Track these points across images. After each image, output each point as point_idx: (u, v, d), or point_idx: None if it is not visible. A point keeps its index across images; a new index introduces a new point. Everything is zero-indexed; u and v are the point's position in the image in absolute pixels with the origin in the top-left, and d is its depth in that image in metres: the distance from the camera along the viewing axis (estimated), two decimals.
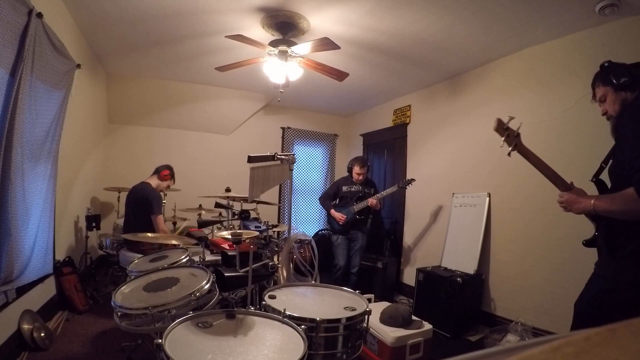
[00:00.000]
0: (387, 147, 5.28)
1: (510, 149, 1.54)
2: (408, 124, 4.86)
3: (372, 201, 3.79)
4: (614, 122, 1.46)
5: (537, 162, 1.56)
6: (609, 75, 1.47)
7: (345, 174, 4.17)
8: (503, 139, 1.53)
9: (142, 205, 3.14)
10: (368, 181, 4.10)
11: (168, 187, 3.55)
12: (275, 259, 2.47)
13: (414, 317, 2.61)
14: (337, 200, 4.11)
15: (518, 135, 1.55)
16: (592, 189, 1.56)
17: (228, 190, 3.63)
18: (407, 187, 3.98)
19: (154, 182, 3.34)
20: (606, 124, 1.54)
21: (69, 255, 3.38)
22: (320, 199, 4.20)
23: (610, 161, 1.50)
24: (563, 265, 2.80)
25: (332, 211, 3.96)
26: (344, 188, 4.04)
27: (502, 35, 3.05)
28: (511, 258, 3.25)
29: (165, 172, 3.40)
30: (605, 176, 1.52)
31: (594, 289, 1.46)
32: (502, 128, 1.52)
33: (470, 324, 3.31)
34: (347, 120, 6.47)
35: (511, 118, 1.54)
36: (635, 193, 1.25)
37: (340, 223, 3.89)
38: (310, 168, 6.17)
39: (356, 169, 3.93)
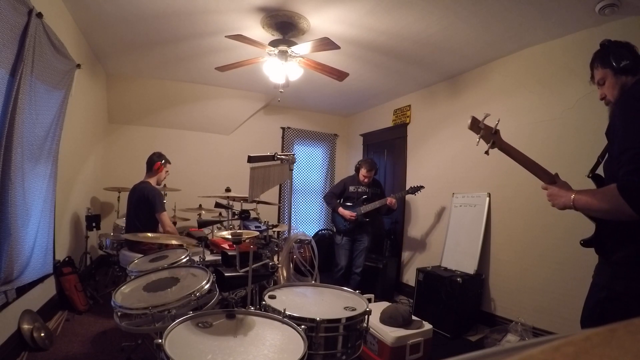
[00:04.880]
0: (387, 147, 5.28)
1: (488, 146, 1.47)
2: (408, 124, 4.86)
3: (391, 200, 3.77)
4: (612, 108, 1.37)
5: (520, 158, 1.47)
6: (608, 56, 1.33)
7: (346, 173, 4.16)
8: (478, 136, 1.47)
9: (144, 204, 3.14)
10: (374, 181, 4.08)
11: (167, 172, 3.45)
12: (275, 259, 2.47)
13: (414, 317, 2.61)
14: (342, 199, 4.06)
15: (496, 132, 1.47)
16: (588, 185, 1.48)
17: (228, 190, 3.63)
18: (416, 194, 3.97)
19: (153, 179, 3.32)
20: (606, 123, 1.49)
21: (69, 255, 3.38)
22: (325, 197, 4.14)
23: (607, 155, 1.42)
24: (563, 265, 2.80)
25: (341, 209, 3.91)
26: (351, 188, 4.00)
27: (502, 35, 3.05)
28: (511, 258, 3.25)
29: (157, 165, 3.30)
30: (602, 171, 1.45)
31: (593, 299, 1.36)
32: (476, 126, 1.47)
33: (470, 324, 3.31)
34: (347, 120, 6.47)
35: (487, 115, 1.48)
36: (617, 189, 1.13)
37: (352, 219, 3.84)
38: (310, 168, 6.17)
39: (363, 172, 3.91)
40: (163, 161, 3.35)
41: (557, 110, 2.97)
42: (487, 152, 1.49)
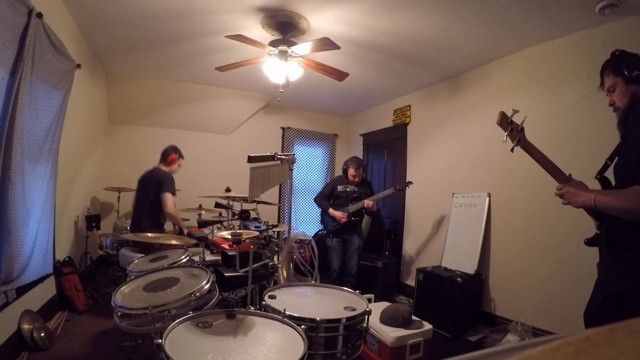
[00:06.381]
0: (387, 147, 5.28)
1: (513, 144, 1.47)
2: (408, 124, 4.86)
3: (368, 202, 3.73)
4: (620, 114, 1.41)
5: (539, 157, 1.50)
6: (621, 65, 1.39)
7: None
8: (506, 133, 1.47)
9: (153, 186, 3.13)
10: (364, 181, 4.05)
11: (180, 166, 3.48)
12: (275, 259, 2.47)
13: (414, 317, 2.61)
14: (332, 200, 4.03)
15: (522, 129, 1.48)
16: (595, 186, 1.51)
17: (228, 190, 3.62)
18: (404, 189, 3.94)
19: (165, 168, 3.33)
20: (606, 124, 1.51)
21: (69, 255, 3.38)
22: (316, 199, 4.09)
23: (616, 158, 1.45)
24: (563, 265, 2.80)
25: (331, 210, 3.87)
26: (339, 188, 3.97)
27: (502, 35, 3.05)
28: (511, 258, 3.25)
29: (172, 157, 3.33)
30: (609, 174, 1.48)
31: (601, 294, 1.40)
32: (505, 122, 1.46)
33: (470, 324, 3.31)
34: (347, 120, 6.47)
35: (515, 111, 1.46)
36: None
37: (342, 222, 3.81)
38: (310, 168, 6.17)
39: (351, 171, 3.87)
40: (177, 155, 3.38)
41: (557, 110, 2.97)
42: (512, 150, 1.49)
